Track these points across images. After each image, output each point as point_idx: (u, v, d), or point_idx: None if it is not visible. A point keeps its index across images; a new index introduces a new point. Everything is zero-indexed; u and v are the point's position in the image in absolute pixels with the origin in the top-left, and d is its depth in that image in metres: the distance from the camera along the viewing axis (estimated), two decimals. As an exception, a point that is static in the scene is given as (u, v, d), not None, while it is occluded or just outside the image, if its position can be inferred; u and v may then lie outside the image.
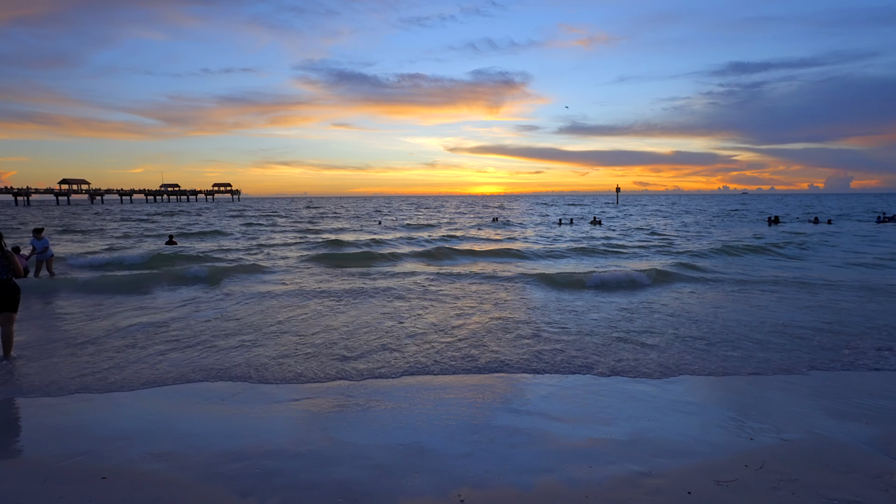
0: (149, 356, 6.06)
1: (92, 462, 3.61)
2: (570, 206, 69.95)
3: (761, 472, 3.42)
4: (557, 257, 16.60)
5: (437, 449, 3.81)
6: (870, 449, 3.74)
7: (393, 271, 13.40)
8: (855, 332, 6.92)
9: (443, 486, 3.30)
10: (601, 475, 3.41)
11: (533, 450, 3.79)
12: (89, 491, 3.24)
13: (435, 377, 5.39)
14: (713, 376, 5.34)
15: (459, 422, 4.28)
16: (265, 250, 18.57)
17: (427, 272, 12.99)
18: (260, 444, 3.88)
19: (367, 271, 13.46)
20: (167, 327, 7.47)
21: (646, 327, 7.29)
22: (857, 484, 3.27)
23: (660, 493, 3.19)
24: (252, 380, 5.32)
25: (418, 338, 6.85)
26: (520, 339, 6.76)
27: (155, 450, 3.80)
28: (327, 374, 5.48)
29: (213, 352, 6.25)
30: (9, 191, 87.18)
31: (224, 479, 3.38)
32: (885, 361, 5.71)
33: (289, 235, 25.75)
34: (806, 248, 17.65)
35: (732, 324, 7.40)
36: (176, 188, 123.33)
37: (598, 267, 13.37)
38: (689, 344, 6.43)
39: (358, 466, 3.55)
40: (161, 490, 3.25)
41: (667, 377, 5.29)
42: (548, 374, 5.42)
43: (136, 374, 5.47)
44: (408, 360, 5.90)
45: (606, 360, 5.84)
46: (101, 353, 6.17)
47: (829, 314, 7.94)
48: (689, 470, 3.46)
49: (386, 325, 7.51)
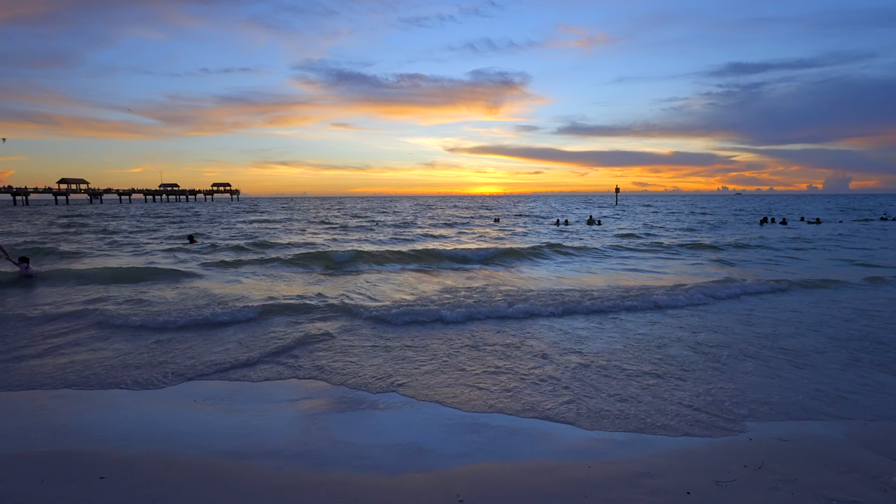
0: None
1: (91, 461, 3.61)
2: (582, 207, 69.94)
3: (760, 473, 3.42)
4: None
5: (436, 449, 3.81)
6: (869, 449, 3.74)
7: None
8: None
9: (442, 485, 3.30)
10: (601, 475, 3.41)
11: (532, 449, 3.79)
12: (88, 491, 3.24)
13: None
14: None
15: (458, 421, 4.28)
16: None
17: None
18: (259, 444, 3.88)
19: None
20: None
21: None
22: (855, 484, 3.28)
23: (659, 493, 3.19)
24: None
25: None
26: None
27: (153, 449, 3.80)
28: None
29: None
30: (8, 190, 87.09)
31: (224, 479, 3.38)
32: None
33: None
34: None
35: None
36: (175, 188, 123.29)
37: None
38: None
39: (357, 466, 3.55)
40: (160, 490, 3.25)
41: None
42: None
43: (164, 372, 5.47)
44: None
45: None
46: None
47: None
48: (688, 470, 3.47)
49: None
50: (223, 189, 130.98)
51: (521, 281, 11.55)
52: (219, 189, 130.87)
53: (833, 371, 5.39)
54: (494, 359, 5.91)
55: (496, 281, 11.50)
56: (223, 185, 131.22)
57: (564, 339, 6.71)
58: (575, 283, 11.24)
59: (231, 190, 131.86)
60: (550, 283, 11.31)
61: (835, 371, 5.39)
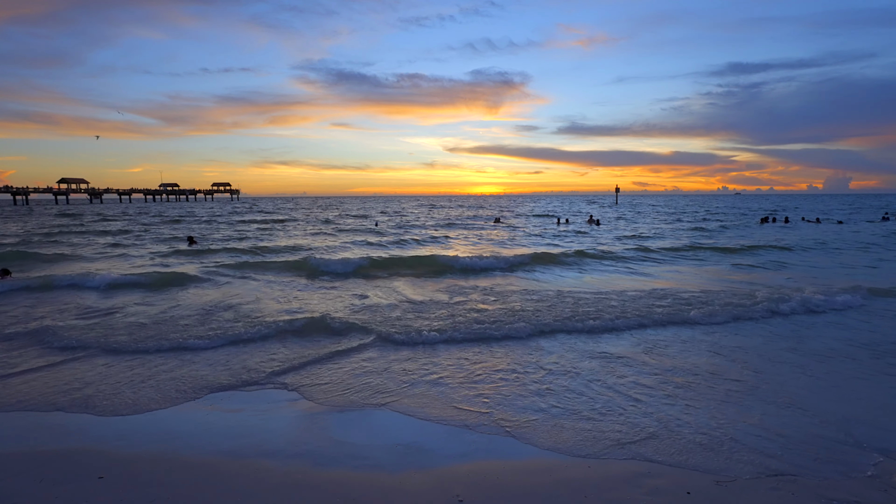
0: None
1: (90, 461, 3.60)
2: (581, 205, 69.82)
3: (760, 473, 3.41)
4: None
5: (436, 449, 3.80)
6: (869, 449, 3.73)
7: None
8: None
9: (441, 485, 3.29)
10: (601, 475, 3.40)
11: (531, 449, 3.79)
12: (87, 491, 3.23)
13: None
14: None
15: (458, 421, 4.27)
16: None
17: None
18: (259, 444, 3.87)
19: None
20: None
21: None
22: (856, 484, 3.27)
23: (659, 494, 3.18)
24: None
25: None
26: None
27: (153, 449, 3.79)
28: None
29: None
30: (8, 190, 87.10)
31: (223, 479, 3.37)
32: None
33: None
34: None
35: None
36: (175, 188, 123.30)
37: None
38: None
39: (357, 466, 3.54)
40: (159, 490, 3.24)
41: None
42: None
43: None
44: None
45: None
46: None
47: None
48: (688, 470, 3.46)
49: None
50: (223, 189, 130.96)
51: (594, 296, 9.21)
52: (219, 189, 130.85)
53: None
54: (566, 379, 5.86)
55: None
56: (223, 184, 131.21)
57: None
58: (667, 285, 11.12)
59: (231, 190, 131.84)
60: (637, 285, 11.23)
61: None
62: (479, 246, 19.48)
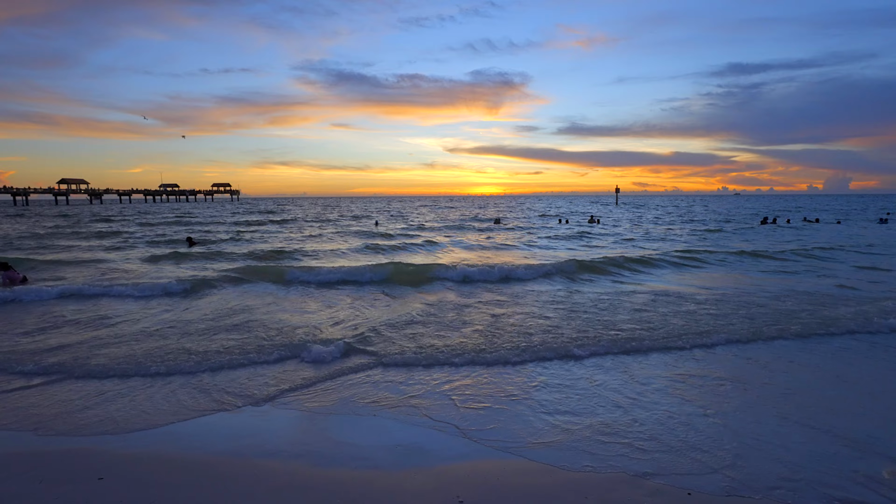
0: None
1: (89, 461, 3.60)
2: (588, 206, 69.77)
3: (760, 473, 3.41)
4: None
5: (436, 449, 3.80)
6: (869, 449, 3.73)
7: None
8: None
9: (441, 485, 3.28)
10: (601, 475, 3.40)
11: (530, 449, 3.78)
12: (86, 491, 3.23)
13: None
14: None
15: (458, 422, 4.26)
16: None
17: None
18: (259, 444, 3.87)
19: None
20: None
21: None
22: (857, 484, 3.27)
23: (660, 494, 3.18)
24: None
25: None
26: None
27: (153, 449, 3.79)
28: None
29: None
30: (8, 190, 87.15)
31: (224, 479, 3.37)
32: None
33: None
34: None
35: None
36: (175, 188, 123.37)
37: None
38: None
39: (357, 466, 3.54)
40: (158, 490, 3.24)
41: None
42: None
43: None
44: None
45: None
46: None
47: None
48: (688, 470, 3.45)
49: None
50: (223, 189, 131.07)
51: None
52: (219, 189, 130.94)
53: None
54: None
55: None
56: (223, 185, 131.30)
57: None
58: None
59: (231, 190, 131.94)
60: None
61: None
62: (500, 253, 17.79)
